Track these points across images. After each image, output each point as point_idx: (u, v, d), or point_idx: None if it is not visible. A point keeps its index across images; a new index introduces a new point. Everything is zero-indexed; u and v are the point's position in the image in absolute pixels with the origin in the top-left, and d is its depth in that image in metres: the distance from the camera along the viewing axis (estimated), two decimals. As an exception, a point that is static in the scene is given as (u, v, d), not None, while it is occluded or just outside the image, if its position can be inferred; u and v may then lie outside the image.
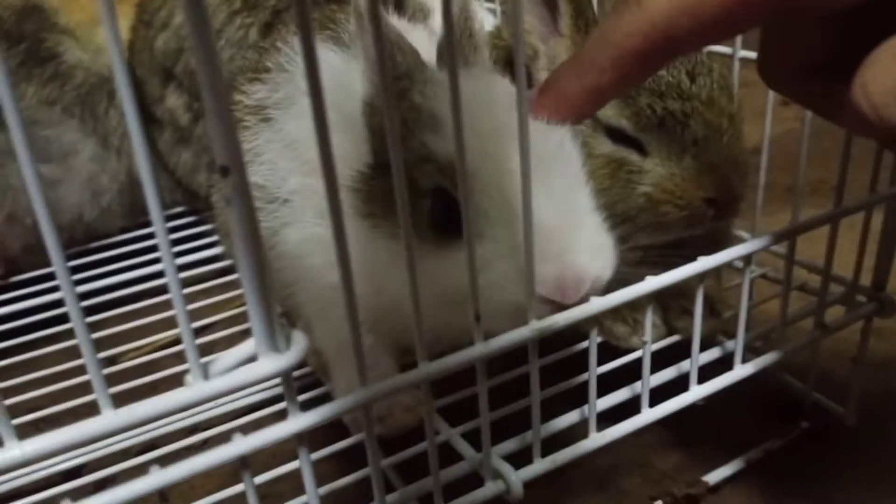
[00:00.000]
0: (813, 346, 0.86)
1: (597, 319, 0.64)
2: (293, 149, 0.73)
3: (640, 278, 0.80)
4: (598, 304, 0.64)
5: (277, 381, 0.47)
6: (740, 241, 0.77)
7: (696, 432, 0.90)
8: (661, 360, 0.79)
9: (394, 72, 0.62)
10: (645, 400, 0.73)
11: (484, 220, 0.56)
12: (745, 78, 0.83)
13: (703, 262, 0.70)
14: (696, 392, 0.75)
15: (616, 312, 0.81)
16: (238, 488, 0.67)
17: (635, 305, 0.79)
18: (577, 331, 0.74)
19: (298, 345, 0.46)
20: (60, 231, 0.39)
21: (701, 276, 0.71)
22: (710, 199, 0.76)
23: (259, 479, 0.66)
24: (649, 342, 0.70)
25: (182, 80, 1.20)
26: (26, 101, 1.19)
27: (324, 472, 0.67)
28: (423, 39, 0.72)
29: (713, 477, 0.85)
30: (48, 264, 1.16)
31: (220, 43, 1.12)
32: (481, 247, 0.55)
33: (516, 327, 0.56)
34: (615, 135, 0.78)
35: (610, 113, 0.77)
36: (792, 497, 0.82)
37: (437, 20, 0.94)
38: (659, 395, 0.74)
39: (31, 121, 1.18)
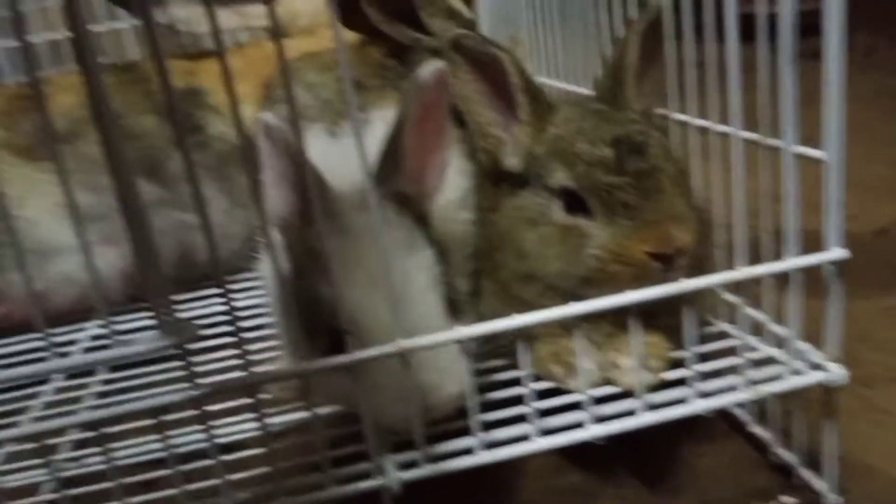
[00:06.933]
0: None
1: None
2: None
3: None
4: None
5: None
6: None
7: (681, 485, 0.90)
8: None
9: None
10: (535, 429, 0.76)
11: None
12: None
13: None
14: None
15: (554, 354, 0.83)
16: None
17: (570, 350, 0.80)
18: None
19: None
20: (197, 267, 0.57)
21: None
22: (653, 253, 0.78)
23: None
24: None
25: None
26: (177, 162, 1.47)
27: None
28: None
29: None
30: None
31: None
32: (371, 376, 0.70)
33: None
34: (568, 201, 0.83)
35: (560, 175, 0.83)
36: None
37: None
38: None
39: (180, 178, 1.46)
